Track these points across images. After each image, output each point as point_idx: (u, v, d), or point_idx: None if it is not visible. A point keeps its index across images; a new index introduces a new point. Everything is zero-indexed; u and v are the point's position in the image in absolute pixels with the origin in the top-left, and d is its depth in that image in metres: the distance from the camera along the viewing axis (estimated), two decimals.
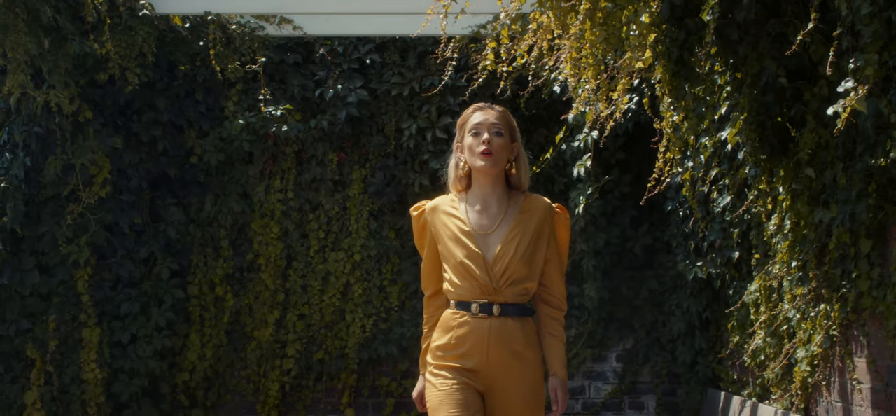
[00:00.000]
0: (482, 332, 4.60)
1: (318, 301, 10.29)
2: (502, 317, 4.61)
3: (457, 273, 4.66)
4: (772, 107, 5.67)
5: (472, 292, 4.62)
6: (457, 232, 4.71)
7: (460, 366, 4.60)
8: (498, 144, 4.66)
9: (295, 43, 10.15)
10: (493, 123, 4.70)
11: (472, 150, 4.70)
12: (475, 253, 4.63)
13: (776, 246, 6.56)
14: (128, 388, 9.39)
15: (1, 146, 8.69)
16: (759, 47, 5.29)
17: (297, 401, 10.27)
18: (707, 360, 9.06)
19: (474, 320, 4.61)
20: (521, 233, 4.67)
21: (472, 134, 4.71)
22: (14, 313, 8.86)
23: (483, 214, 4.74)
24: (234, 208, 10.11)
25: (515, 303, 4.65)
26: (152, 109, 9.55)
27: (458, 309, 4.66)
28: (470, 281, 4.62)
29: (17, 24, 7.38)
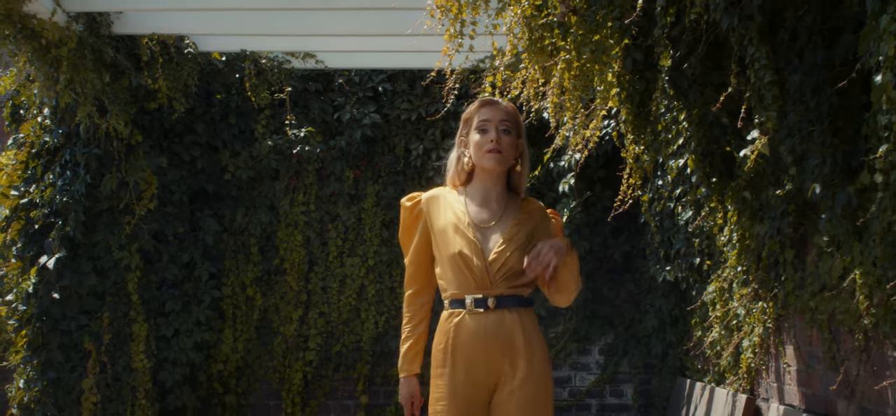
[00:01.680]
0: (478, 328, 4.36)
1: (337, 301, 10.80)
2: (499, 310, 4.37)
3: (451, 266, 4.43)
4: (718, 139, 6.20)
5: (466, 286, 4.38)
6: (456, 223, 4.48)
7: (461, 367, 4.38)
8: (506, 142, 4.48)
9: (317, 74, 10.70)
10: (502, 119, 4.50)
11: (479, 147, 4.48)
12: (474, 244, 4.40)
13: (726, 254, 7.07)
14: (171, 376, 9.82)
15: (63, 166, 9.25)
16: (705, 94, 5.96)
17: (318, 389, 10.82)
18: (676, 352, 9.61)
19: (470, 316, 4.37)
20: (522, 231, 4.46)
21: (480, 130, 4.50)
22: (73, 311, 9.26)
23: (483, 208, 4.52)
24: (263, 218, 10.65)
25: (512, 295, 4.41)
26: (192, 133, 10.14)
27: (453, 308, 4.43)
28: (465, 275, 4.37)
29: (86, 63, 8.21)
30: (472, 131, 4.55)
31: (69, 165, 9.27)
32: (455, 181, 4.64)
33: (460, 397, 4.39)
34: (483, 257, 4.39)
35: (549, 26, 5.77)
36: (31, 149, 9.44)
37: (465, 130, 4.62)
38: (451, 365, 4.40)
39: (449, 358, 4.41)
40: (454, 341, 4.39)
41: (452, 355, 4.40)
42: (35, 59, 7.72)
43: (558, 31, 5.71)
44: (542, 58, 5.97)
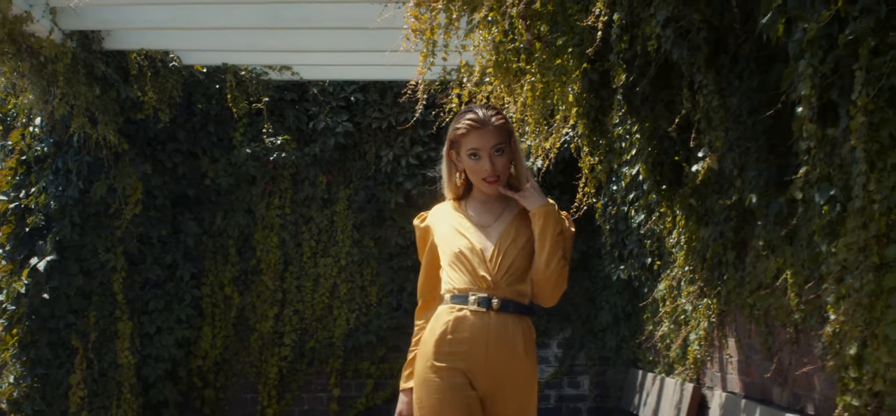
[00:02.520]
0: (482, 328, 4.15)
1: (310, 299, 11.27)
2: (502, 314, 4.17)
3: (454, 265, 4.25)
4: (667, 151, 6.63)
5: (470, 283, 4.19)
6: (456, 225, 4.33)
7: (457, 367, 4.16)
8: (501, 164, 4.27)
9: (292, 84, 11.17)
10: (494, 144, 4.25)
11: (474, 173, 4.29)
12: (474, 244, 4.24)
13: (675, 255, 7.54)
14: (154, 371, 10.20)
15: (55, 172, 9.63)
16: (656, 110, 6.38)
17: (293, 382, 11.29)
18: (629, 345, 10.04)
19: (473, 314, 4.16)
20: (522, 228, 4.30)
21: (471, 156, 4.28)
22: (61, 310, 9.60)
23: (484, 211, 4.37)
24: (241, 221, 11.12)
25: (514, 300, 4.22)
26: (175, 141, 10.53)
27: (455, 303, 4.21)
28: (468, 273, 4.20)
29: (79, 77, 8.68)
30: (462, 154, 4.31)
31: (61, 172, 9.67)
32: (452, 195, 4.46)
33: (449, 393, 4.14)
34: (484, 257, 4.22)
35: (515, 51, 6.27)
36: (21, 156, 9.80)
37: (454, 150, 4.38)
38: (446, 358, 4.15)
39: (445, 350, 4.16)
40: (454, 331, 4.16)
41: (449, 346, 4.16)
42: (32, 74, 8.17)
43: (524, 56, 6.22)
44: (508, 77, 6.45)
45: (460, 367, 4.17)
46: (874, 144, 3.42)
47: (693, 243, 7.03)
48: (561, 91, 6.52)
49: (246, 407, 11.32)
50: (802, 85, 3.78)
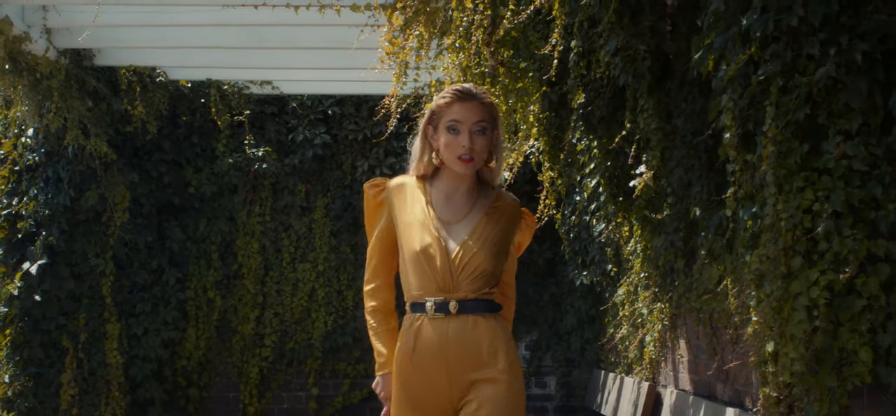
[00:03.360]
0: (440, 335, 3.84)
1: (290, 302, 11.70)
2: (461, 316, 3.84)
3: (413, 265, 3.91)
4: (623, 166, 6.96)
5: (426, 287, 3.86)
6: (420, 217, 3.94)
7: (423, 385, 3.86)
8: (480, 144, 3.90)
9: (273, 98, 11.60)
10: (477, 120, 3.89)
11: (449, 149, 3.89)
12: (437, 242, 3.88)
13: (632, 262, 7.96)
14: (141, 371, 10.64)
15: (46, 181, 10.00)
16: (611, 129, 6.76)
17: (273, 382, 11.72)
18: (593, 347, 10.44)
19: (431, 322, 3.84)
20: (491, 228, 3.96)
21: (450, 130, 3.89)
22: (53, 312, 10.00)
23: (449, 203, 3.98)
24: (223, 228, 11.55)
25: (477, 299, 3.87)
26: (160, 151, 10.97)
27: (414, 312, 3.89)
28: (426, 275, 3.86)
29: (72, 92, 9.16)
30: (441, 128, 3.92)
31: (52, 180, 10.07)
32: (420, 172, 4.03)
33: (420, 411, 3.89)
34: (446, 256, 3.86)
35: (480, 74, 6.76)
36: (13, 165, 10.21)
37: (433, 122, 3.96)
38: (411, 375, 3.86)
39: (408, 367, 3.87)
40: (414, 349, 3.85)
41: (411, 363, 3.86)
42: (28, 89, 8.66)
43: (488, 80, 6.72)
44: None
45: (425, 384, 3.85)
46: (782, 170, 3.97)
47: (648, 252, 7.42)
48: (523, 111, 7.02)
49: (228, 406, 11.71)
50: (725, 116, 4.34)
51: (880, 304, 3.86)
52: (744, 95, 4.17)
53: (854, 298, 3.88)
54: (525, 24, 6.46)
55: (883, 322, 3.87)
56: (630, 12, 5.84)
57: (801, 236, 3.95)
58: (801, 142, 3.96)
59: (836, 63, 3.82)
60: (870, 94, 3.84)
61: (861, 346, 3.87)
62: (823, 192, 3.90)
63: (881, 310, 3.87)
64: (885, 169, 3.86)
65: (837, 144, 3.90)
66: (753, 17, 4.01)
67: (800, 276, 3.95)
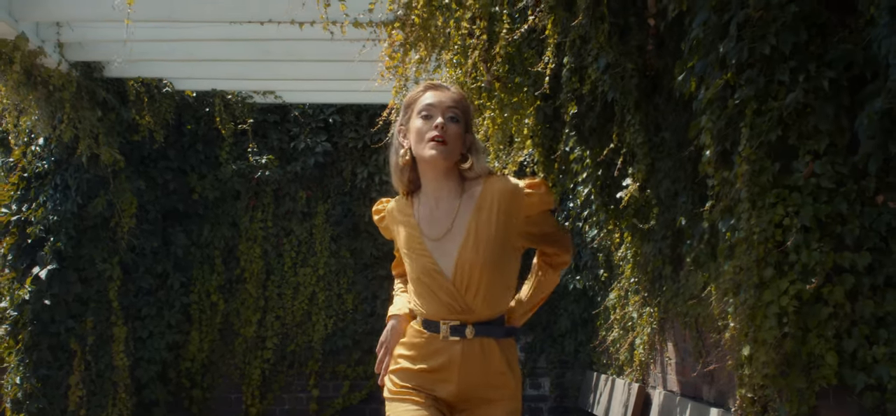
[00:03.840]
0: (452, 357, 3.72)
1: (291, 306, 11.92)
2: (478, 339, 3.73)
3: (417, 290, 3.78)
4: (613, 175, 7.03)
5: (438, 310, 3.72)
6: (411, 242, 3.81)
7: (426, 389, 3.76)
8: (453, 132, 3.70)
9: (275, 107, 11.84)
10: (449, 106, 3.73)
11: (420, 135, 3.70)
12: (432, 267, 3.72)
13: (623, 268, 8.14)
14: (147, 372, 10.92)
15: (54, 188, 10.27)
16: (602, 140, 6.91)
17: (274, 383, 11.95)
18: (586, 349, 10.78)
19: (444, 343, 3.73)
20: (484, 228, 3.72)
21: (422, 116, 3.72)
22: (61, 316, 10.26)
23: (433, 217, 3.78)
24: (226, 233, 11.80)
25: (492, 320, 3.74)
26: (165, 159, 11.22)
27: (426, 329, 3.77)
28: (436, 299, 3.72)
29: (83, 103, 9.46)
30: (413, 117, 3.78)
31: (61, 187, 10.34)
32: (401, 184, 3.87)
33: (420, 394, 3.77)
34: (445, 280, 3.71)
35: (477, 89, 7.03)
36: (23, 173, 10.48)
37: (406, 116, 3.83)
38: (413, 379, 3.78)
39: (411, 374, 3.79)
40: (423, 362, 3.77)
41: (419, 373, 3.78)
42: (42, 100, 8.94)
43: (484, 95, 6.99)
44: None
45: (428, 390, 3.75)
46: (755, 187, 4.29)
47: (637, 258, 7.68)
48: (518, 124, 7.30)
49: (231, 406, 11.95)
50: (705, 136, 4.65)
51: (845, 312, 4.18)
52: (721, 116, 4.49)
53: (821, 306, 4.19)
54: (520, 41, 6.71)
55: (848, 328, 4.18)
56: (618, 32, 6.13)
57: (772, 249, 4.26)
58: (773, 161, 4.27)
59: (805, 89, 4.14)
60: (836, 117, 4.16)
61: (827, 350, 4.19)
62: (793, 207, 4.22)
63: (846, 317, 4.18)
64: (850, 187, 4.17)
65: (806, 163, 4.21)
66: (730, 45, 4.33)
67: (771, 285, 4.26)
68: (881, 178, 4.10)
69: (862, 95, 4.10)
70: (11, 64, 8.16)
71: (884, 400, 4.12)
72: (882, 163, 4.02)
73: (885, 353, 4.10)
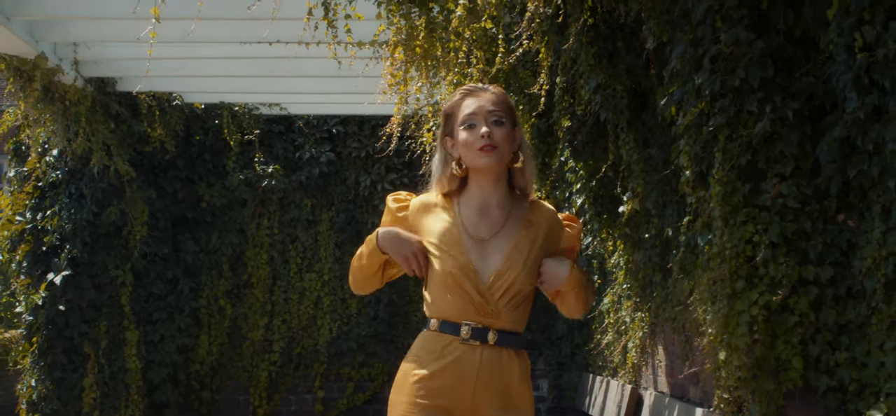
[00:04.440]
0: (471, 363, 3.52)
1: (297, 310, 12.23)
2: (498, 348, 3.53)
3: (444, 287, 3.57)
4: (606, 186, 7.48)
5: (462, 310, 3.54)
6: (447, 234, 3.61)
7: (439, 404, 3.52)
8: (500, 135, 3.57)
9: (281, 118, 12.16)
10: (491, 109, 3.60)
11: (468, 146, 3.58)
12: (468, 264, 3.54)
13: (616, 274, 8.49)
14: (158, 375, 11.24)
15: (69, 197, 10.60)
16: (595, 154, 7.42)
17: (281, 385, 12.25)
18: (582, 352, 11.02)
19: (463, 347, 3.52)
20: (529, 244, 3.62)
21: (466, 127, 3.59)
22: (75, 320, 10.58)
23: (481, 218, 3.63)
24: (234, 240, 12.10)
25: (515, 331, 3.59)
26: (175, 168, 11.54)
27: (444, 332, 3.57)
28: (461, 297, 3.53)
29: (97, 116, 9.83)
30: (457, 129, 3.65)
31: (75, 197, 10.68)
32: (444, 188, 3.72)
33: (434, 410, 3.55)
34: (479, 280, 3.55)
35: None
36: (37, 182, 10.82)
37: (448, 126, 3.70)
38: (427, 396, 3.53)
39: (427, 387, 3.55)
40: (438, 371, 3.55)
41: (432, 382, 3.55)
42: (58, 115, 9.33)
43: None
44: None
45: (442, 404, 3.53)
46: (728, 207, 4.69)
47: (629, 265, 8.01)
48: None
49: (239, 408, 12.27)
50: (683, 158, 5.05)
51: (810, 320, 4.57)
52: (697, 141, 4.89)
53: (788, 315, 4.59)
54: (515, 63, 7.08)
55: (812, 335, 4.58)
56: (608, 55, 6.51)
57: (743, 262, 4.66)
58: (744, 182, 4.67)
59: (771, 118, 4.53)
60: (800, 143, 4.56)
61: (794, 355, 4.59)
62: (762, 225, 4.61)
63: (810, 325, 4.58)
64: (813, 206, 4.57)
65: (774, 184, 4.61)
66: (704, 77, 4.73)
67: (742, 296, 4.66)
68: (841, 198, 4.50)
69: (823, 124, 4.51)
70: (32, 81, 8.55)
71: (845, 401, 4.51)
72: (841, 185, 4.42)
73: (846, 358, 4.49)
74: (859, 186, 4.31)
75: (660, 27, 5.25)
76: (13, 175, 11.15)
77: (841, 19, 4.08)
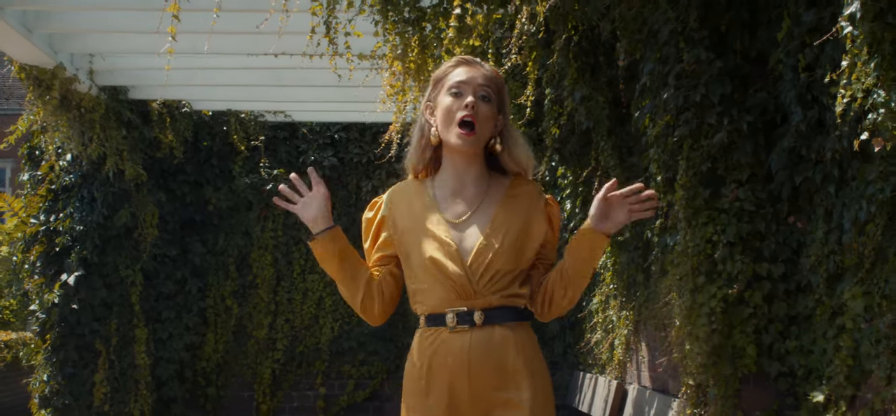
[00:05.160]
0: (462, 350, 3.30)
1: (300, 310, 12.56)
2: (487, 327, 3.30)
3: (425, 274, 3.36)
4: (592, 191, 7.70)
5: (445, 298, 3.32)
6: (423, 221, 3.41)
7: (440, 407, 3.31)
8: (484, 112, 3.35)
9: (285, 124, 12.54)
10: (481, 83, 3.38)
11: (448, 114, 3.36)
12: (448, 245, 3.34)
13: (604, 275, 8.89)
14: (166, 371, 11.64)
15: (81, 201, 10.99)
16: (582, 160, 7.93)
17: (284, 382, 12.61)
18: (573, 351, 11.38)
19: (452, 336, 3.31)
20: (509, 220, 3.38)
21: (452, 93, 3.37)
22: (87, 319, 10.95)
23: (457, 197, 3.43)
24: (239, 242, 12.44)
25: (504, 305, 3.34)
26: (183, 172, 11.94)
27: (430, 326, 3.37)
28: (441, 283, 3.32)
29: (110, 123, 10.28)
30: (441, 94, 3.42)
31: (86, 200, 11.10)
32: (418, 166, 3.54)
33: None
34: (461, 261, 3.33)
35: None
36: (50, 186, 11.24)
37: (435, 92, 3.47)
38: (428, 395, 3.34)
39: (424, 386, 3.35)
40: (431, 365, 3.35)
41: (428, 382, 3.35)
42: (74, 122, 9.79)
43: None
44: None
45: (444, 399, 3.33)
46: (690, 209, 5.18)
47: (616, 266, 8.47)
48: None
49: (243, 404, 12.66)
50: (653, 165, 5.54)
51: (763, 312, 5.07)
52: (665, 150, 5.38)
53: (743, 307, 5.08)
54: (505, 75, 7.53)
55: (765, 325, 5.08)
56: (590, 69, 7.00)
57: (704, 260, 5.16)
58: (705, 188, 5.17)
59: (729, 130, 5.03)
60: (754, 152, 5.06)
61: (748, 344, 5.08)
62: (721, 226, 5.11)
63: (764, 316, 5.07)
64: (767, 209, 5.07)
65: (732, 189, 5.10)
66: (670, 92, 5.22)
67: (703, 290, 5.15)
68: (792, 202, 4.99)
69: (774, 135, 5.01)
70: (50, 90, 9.02)
71: (794, 385, 5.00)
72: (791, 190, 4.91)
73: (795, 346, 4.98)
74: (806, 191, 4.80)
75: (632, 45, 5.75)
76: (27, 179, 11.53)
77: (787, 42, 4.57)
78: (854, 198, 4.28)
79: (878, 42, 3.19)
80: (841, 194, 4.44)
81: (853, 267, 4.38)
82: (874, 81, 3.23)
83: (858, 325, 4.34)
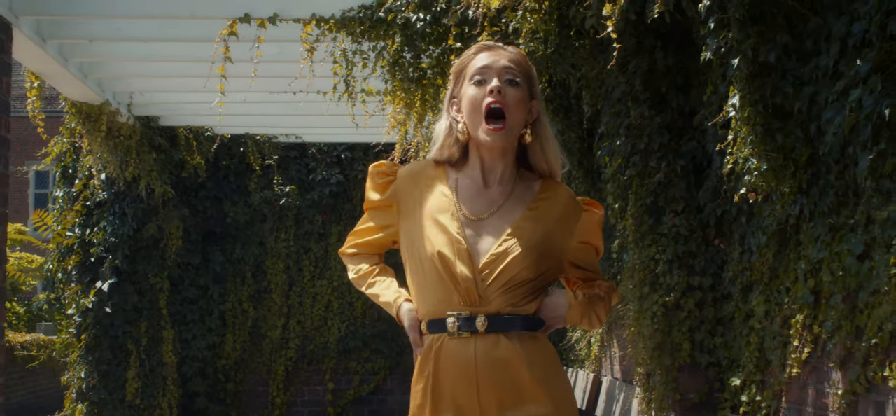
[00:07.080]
0: (467, 361, 2.96)
1: (310, 312, 13.41)
2: (493, 335, 2.94)
3: (428, 272, 3.02)
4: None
5: (446, 300, 2.98)
6: (437, 210, 3.07)
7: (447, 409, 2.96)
8: (512, 97, 3.01)
9: (296, 145, 13.39)
10: (506, 65, 3.05)
11: (474, 105, 3.02)
12: (458, 242, 2.99)
13: None
14: (191, 368, 12.62)
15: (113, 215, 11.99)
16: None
17: (296, 378, 13.49)
18: (558, 347, 11.74)
19: (453, 343, 2.98)
20: (532, 227, 3.03)
21: (475, 82, 3.05)
22: (119, 321, 11.91)
23: (480, 194, 3.09)
24: (255, 251, 13.30)
25: (512, 314, 2.97)
26: (205, 189, 12.94)
27: (432, 332, 3.03)
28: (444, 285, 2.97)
29: (144, 148, 11.46)
30: (465, 84, 3.11)
31: (118, 214, 12.12)
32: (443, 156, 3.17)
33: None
34: (471, 262, 3.00)
35: None
36: (85, 202, 12.24)
37: (457, 87, 3.16)
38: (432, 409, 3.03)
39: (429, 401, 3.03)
40: (434, 377, 3.03)
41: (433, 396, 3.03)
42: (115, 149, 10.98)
43: None
44: None
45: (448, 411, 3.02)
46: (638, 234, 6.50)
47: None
48: None
49: (259, 398, 13.55)
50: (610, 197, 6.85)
51: (695, 315, 6.38)
52: (618, 185, 6.68)
53: (679, 311, 6.39)
54: None
55: (697, 326, 6.38)
56: (563, 110, 8.28)
57: (649, 274, 6.45)
58: (649, 216, 6.47)
59: (666, 171, 6.33)
60: (687, 189, 6.36)
61: (684, 340, 6.38)
62: (662, 247, 6.41)
63: (696, 318, 6.38)
64: (698, 234, 6.38)
65: (670, 218, 6.41)
66: (621, 140, 6.52)
67: (648, 298, 6.45)
68: (717, 228, 6.29)
69: (702, 176, 6.31)
70: (98, 123, 10.22)
71: (720, 372, 6.31)
72: (716, 219, 6.21)
73: (721, 342, 6.29)
74: (727, 220, 6.10)
75: (593, 98, 7.03)
76: (60, 195, 12.52)
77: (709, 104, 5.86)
78: (756, 228, 5.58)
79: (752, 124, 4.45)
80: (750, 224, 5.71)
81: (758, 281, 5.67)
82: (749, 152, 4.51)
83: (763, 325, 5.62)
